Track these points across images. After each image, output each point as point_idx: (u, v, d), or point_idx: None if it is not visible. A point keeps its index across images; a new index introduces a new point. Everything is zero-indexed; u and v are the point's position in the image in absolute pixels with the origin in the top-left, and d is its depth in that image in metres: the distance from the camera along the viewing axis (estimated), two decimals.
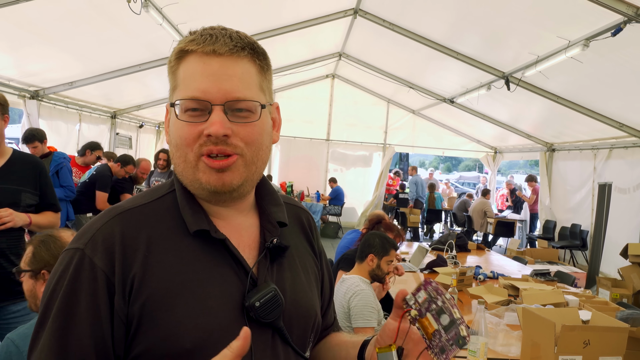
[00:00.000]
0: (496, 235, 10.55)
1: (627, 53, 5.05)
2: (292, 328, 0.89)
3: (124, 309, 0.77)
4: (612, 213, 6.88)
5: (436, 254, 5.09)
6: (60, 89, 6.92)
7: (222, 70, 0.81)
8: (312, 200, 11.26)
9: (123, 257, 0.78)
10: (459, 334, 0.78)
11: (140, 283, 0.77)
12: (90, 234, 0.80)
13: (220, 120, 0.79)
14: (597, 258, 6.82)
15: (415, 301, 0.81)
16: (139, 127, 10.56)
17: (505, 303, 3.39)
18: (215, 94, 0.80)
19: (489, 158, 12.79)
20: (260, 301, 0.82)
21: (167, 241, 0.82)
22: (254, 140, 0.83)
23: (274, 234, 0.91)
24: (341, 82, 12.51)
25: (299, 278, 0.95)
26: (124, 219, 0.82)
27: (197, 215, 0.84)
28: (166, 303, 0.77)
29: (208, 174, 0.81)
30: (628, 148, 7.29)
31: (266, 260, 0.89)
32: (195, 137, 0.80)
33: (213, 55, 0.81)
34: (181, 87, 0.82)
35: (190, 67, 0.82)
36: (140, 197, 0.89)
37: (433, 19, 6.73)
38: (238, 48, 0.82)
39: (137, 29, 5.90)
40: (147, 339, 0.76)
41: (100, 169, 5.43)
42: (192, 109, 0.81)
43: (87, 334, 0.75)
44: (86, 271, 0.76)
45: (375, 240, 3.05)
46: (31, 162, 2.50)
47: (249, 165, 0.84)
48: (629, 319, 2.51)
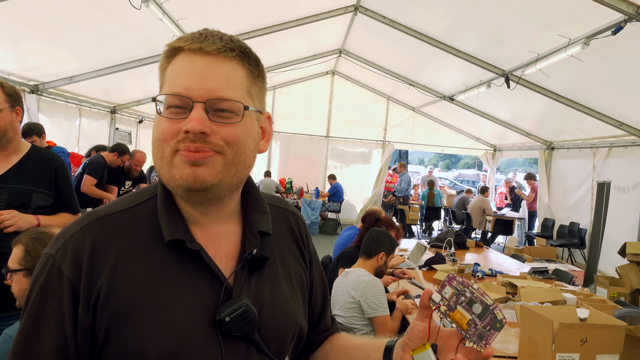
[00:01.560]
0: (495, 233, 10.56)
1: (627, 52, 5.05)
2: (270, 338, 0.88)
3: (88, 319, 0.77)
4: (610, 212, 6.89)
5: (435, 251, 5.10)
6: (60, 84, 6.92)
7: (208, 69, 0.79)
8: (311, 197, 11.27)
9: (90, 267, 0.77)
10: (495, 318, 0.79)
11: (107, 294, 0.77)
12: (62, 240, 0.80)
13: (199, 117, 0.77)
14: (595, 256, 6.84)
15: (442, 297, 0.83)
16: (138, 122, 10.55)
17: (503, 300, 3.40)
18: (198, 91, 0.78)
19: (488, 156, 12.80)
20: (230, 316, 0.81)
21: (139, 251, 0.81)
22: (236, 141, 0.80)
23: (254, 244, 0.89)
24: (341, 79, 12.50)
25: (281, 288, 0.94)
26: (98, 226, 0.81)
27: (175, 223, 0.83)
28: (133, 315, 0.77)
29: (182, 168, 0.78)
30: (627, 147, 7.30)
31: (243, 272, 0.87)
32: (174, 134, 0.79)
33: (200, 54, 0.79)
34: (166, 84, 0.82)
35: (177, 64, 0.81)
36: (121, 201, 0.87)
37: (433, 16, 6.72)
38: (227, 48, 0.80)
39: (137, 24, 5.88)
40: (115, 351, 0.77)
41: (93, 158, 5.37)
42: (175, 105, 0.79)
43: (50, 338, 0.76)
44: (54, 277, 0.77)
45: (386, 239, 3.18)
46: (47, 160, 2.30)
47: (229, 165, 0.80)
48: (626, 317, 2.52)
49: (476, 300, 0.81)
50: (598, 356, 2.16)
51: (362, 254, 3.14)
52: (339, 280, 3.11)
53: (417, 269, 4.55)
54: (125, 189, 5.70)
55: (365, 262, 3.12)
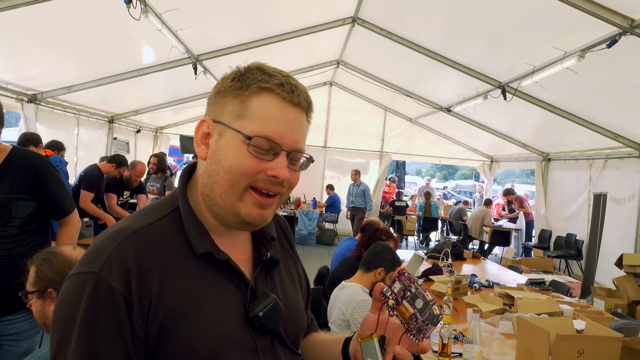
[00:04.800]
0: (492, 244, 10.57)
1: (622, 64, 5.10)
2: (288, 331, 0.98)
3: (143, 328, 0.80)
4: (607, 223, 6.91)
5: (432, 262, 5.10)
6: (58, 93, 6.93)
7: (296, 122, 0.89)
8: (308, 207, 11.26)
9: (138, 279, 0.81)
10: (432, 313, 0.85)
11: (157, 303, 0.81)
12: (104, 257, 0.81)
13: (286, 166, 0.87)
14: (592, 268, 6.85)
15: (392, 292, 0.90)
16: (136, 132, 10.57)
17: (500, 312, 3.39)
18: (287, 141, 0.87)
19: (485, 167, 12.84)
20: (263, 311, 0.90)
21: (176, 261, 0.86)
22: (295, 185, 0.92)
23: (268, 249, 1.00)
24: (339, 90, 12.56)
25: (287, 285, 1.05)
26: (135, 240, 0.84)
27: (202, 237, 0.90)
28: (182, 319, 0.82)
29: (251, 207, 0.87)
30: (623, 158, 7.34)
31: (262, 273, 0.97)
32: (256, 172, 0.86)
33: (293, 106, 0.88)
34: (254, 121, 0.86)
35: (267, 105, 0.87)
36: (143, 215, 0.91)
37: (431, 28, 6.78)
38: (309, 106, 0.92)
39: (136, 34, 5.92)
40: (165, 355, 0.81)
41: (88, 169, 5.32)
42: (261, 145, 0.85)
43: (114, 353, 0.78)
44: (104, 293, 0.78)
45: (389, 255, 3.08)
46: (26, 163, 2.15)
47: (280, 203, 0.93)
48: (622, 328, 2.52)
49: (419, 295, 0.87)
50: None
51: (362, 266, 3.11)
52: (335, 292, 3.09)
53: None
54: (123, 199, 5.68)
55: (363, 275, 3.09)
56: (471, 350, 2.28)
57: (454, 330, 2.87)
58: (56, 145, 5.74)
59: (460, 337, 2.85)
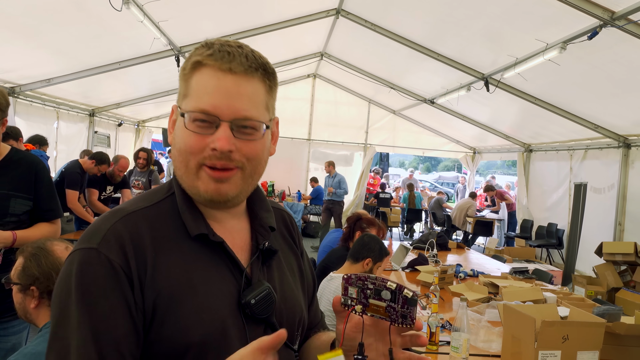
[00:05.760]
0: (475, 234, 10.71)
1: (602, 56, 5.18)
2: (282, 323, 0.94)
3: (142, 302, 0.81)
4: (587, 212, 7.04)
5: (417, 252, 5.14)
6: (37, 86, 6.79)
7: (235, 89, 0.84)
8: (293, 200, 11.25)
9: (135, 254, 0.82)
10: (407, 297, 0.82)
11: (151, 280, 0.82)
12: (101, 233, 0.82)
13: (227, 137, 0.83)
14: (573, 256, 6.97)
15: (351, 298, 0.86)
16: (117, 125, 10.42)
17: (485, 300, 3.44)
18: (225, 110, 0.83)
19: (468, 158, 12.97)
20: (255, 299, 0.88)
21: (170, 243, 0.86)
22: (255, 156, 0.88)
23: (266, 238, 0.97)
24: (322, 82, 12.54)
25: (286, 277, 1.02)
26: (130, 220, 0.85)
27: (197, 220, 0.89)
28: (174, 300, 0.82)
29: (207, 183, 0.86)
30: (603, 149, 7.48)
31: (258, 262, 0.95)
32: (201, 148, 0.84)
33: (228, 73, 0.84)
34: (193, 97, 0.86)
35: (204, 79, 0.85)
36: (141, 199, 0.92)
37: (414, 20, 6.80)
38: (252, 69, 0.86)
39: (117, 25, 5.82)
40: (157, 333, 0.81)
41: (69, 165, 5.26)
42: (201, 120, 0.84)
43: (122, 321, 0.78)
44: (105, 267, 0.79)
45: (376, 245, 3.09)
46: (28, 163, 2.20)
47: (247, 178, 0.89)
48: (605, 314, 2.58)
49: (380, 288, 0.83)
50: (579, 353, 2.21)
51: (350, 257, 3.12)
52: (324, 284, 3.10)
53: (400, 270, 4.58)
54: (106, 194, 5.61)
55: (351, 266, 3.10)
56: (459, 338, 2.31)
57: (441, 319, 2.91)
58: (39, 140, 5.63)
59: (447, 326, 2.89)
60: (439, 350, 2.52)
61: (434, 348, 2.51)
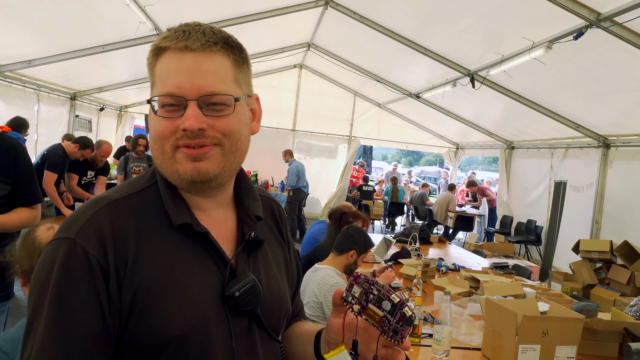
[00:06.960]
0: (456, 229, 10.84)
1: (587, 57, 5.25)
2: (268, 315, 0.94)
3: (117, 297, 0.79)
4: (565, 210, 7.17)
5: (400, 246, 5.19)
6: (18, 67, 6.61)
7: (196, 66, 0.82)
8: (276, 190, 11.23)
9: (114, 247, 0.80)
10: (404, 315, 0.81)
11: (131, 272, 0.80)
12: (79, 223, 0.80)
13: (195, 115, 0.81)
14: (551, 253, 7.11)
15: (353, 296, 0.85)
16: (99, 110, 10.23)
17: (466, 294, 3.49)
18: (189, 89, 0.82)
19: (451, 153, 13.09)
20: (239, 291, 0.87)
21: (152, 233, 0.84)
22: (232, 131, 0.85)
23: (252, 228, 0.95)
24: (309, 73, 12.48)
25: (272, 268, 1.00)
26: (112, 209, 0.83)
27: (180, 209, 0.87)
28: (155, 292, 0.80)
29: (185, 163, 0.83)
30: (583, 148, 7.61)
31: (244, 253, 0.93)
32: (172, 131, 0.83)
33: (186, 51, 0.82)
34: (158, 84, 0.85)
35: (165, 63, 0.84)
36: (124, 187, 0.90)
37: (403, 14, 6.80)
38: (211, 43, 0.83)
39: (102, 8, 5.70)
40: (136, 327, 0.79)
41: (51, 148, 5.16)
42: (169, 104, 0.83)
43: (92, 318, 0.76)
44: (80, 259, 0.77)
45: (360, 238, 3.13)
46: (7, 146, 2.12)
47: (227, 154, 0.86)
48: (583, 310, 2.64)
49: (384, 298, 0.82)
50: (558, 347, 2.26)
51: (334, 249, 3.14)
52: (308, 275, 3.11)
53: (383, 263, 4.62)
54: (87, 178, 5.53)
55: (335, 258, 3.12)
56: (441, 331, 2.34)
57: (424, 312, 2.94)
58: (20, 122, 5.44)
59: (429, 319, 2.92)
60: (421, 343, 2.55)
61: (417, 340, 2.54)
